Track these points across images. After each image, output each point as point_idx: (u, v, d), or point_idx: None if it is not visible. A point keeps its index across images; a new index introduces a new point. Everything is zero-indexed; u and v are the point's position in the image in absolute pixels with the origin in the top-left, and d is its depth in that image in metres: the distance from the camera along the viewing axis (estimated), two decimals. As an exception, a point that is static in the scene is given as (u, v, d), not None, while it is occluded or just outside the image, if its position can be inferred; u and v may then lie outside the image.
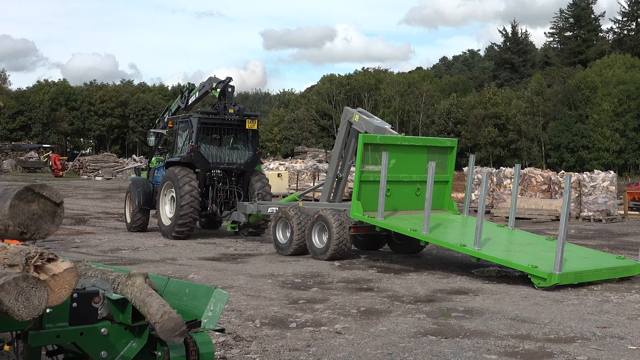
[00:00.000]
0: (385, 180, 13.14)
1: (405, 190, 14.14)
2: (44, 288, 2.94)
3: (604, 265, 11.90)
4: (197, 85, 19.20)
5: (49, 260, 3.08)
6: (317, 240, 13.84)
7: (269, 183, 18.13)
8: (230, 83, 17.90)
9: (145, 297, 3.66)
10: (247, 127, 17.68)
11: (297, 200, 17.71)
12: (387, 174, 13.16)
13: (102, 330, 3.65)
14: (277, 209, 15.14)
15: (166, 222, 17.01)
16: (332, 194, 15.34)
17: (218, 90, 17.88)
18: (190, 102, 19.16)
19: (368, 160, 13.67)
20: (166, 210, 17.13)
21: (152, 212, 18.53)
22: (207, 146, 17.37)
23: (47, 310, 3.47)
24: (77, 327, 3.57)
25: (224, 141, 17.79)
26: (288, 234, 14.34)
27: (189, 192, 16.32)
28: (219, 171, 17.33)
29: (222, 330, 3.99)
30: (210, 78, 18.51)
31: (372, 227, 13.79)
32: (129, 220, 18.50)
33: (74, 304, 3.57)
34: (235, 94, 18.71)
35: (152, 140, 19.52)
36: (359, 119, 14.71)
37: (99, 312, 3.70)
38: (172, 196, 16.85)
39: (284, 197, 23.09)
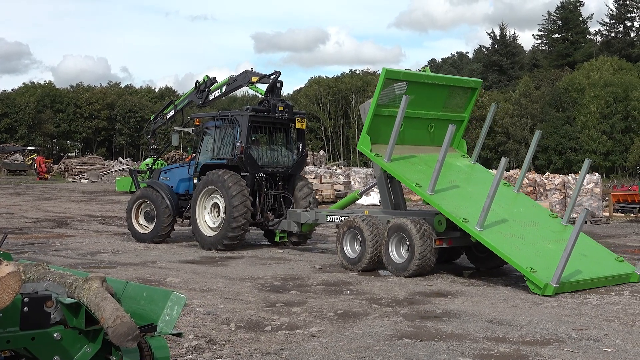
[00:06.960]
0: (400, 124, 12.39)
1: (417, 125, 13.45)
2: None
3: (602, 273, 11.39)
4: (219, 79, 17.65)
5: (-9, 264, 3.00)
6: (396, 255, 12.22)
7: None
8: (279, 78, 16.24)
9: (100, 301, 3.59)
10: (296, 127, 16.19)
11: (357, 199, 16.63)
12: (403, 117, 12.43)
13: (55, 335, 3.57)
14: (340, 217, 13.66)
15: (207, 232, 15.37)
16: (391, 198, 13.87)
17: (258, 85, 16.53)
18: (212, 97, 17.47)
19: (385, 99, 12.89)
20: (207, 220, 15.54)
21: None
22: (253, 147, 15.77)
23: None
24: (28, 332, 3.49)
25: (270, 141, 16.31)
26: (357, 248, 12.71)
27: (241, 199, 14.80)
28: (263, 175, 15.60)
29: (179, 335, 3.91)
30: (246, 71, 17.00)
31: (458, 239, 12.34)
32: (140, 230, 16.63)
33: (25, 309, 3.49)
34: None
35: (176, 138, 17.97)
36: None
37: (51, 316, 3.62)
38: (215, 203, 15.32)
39: None
